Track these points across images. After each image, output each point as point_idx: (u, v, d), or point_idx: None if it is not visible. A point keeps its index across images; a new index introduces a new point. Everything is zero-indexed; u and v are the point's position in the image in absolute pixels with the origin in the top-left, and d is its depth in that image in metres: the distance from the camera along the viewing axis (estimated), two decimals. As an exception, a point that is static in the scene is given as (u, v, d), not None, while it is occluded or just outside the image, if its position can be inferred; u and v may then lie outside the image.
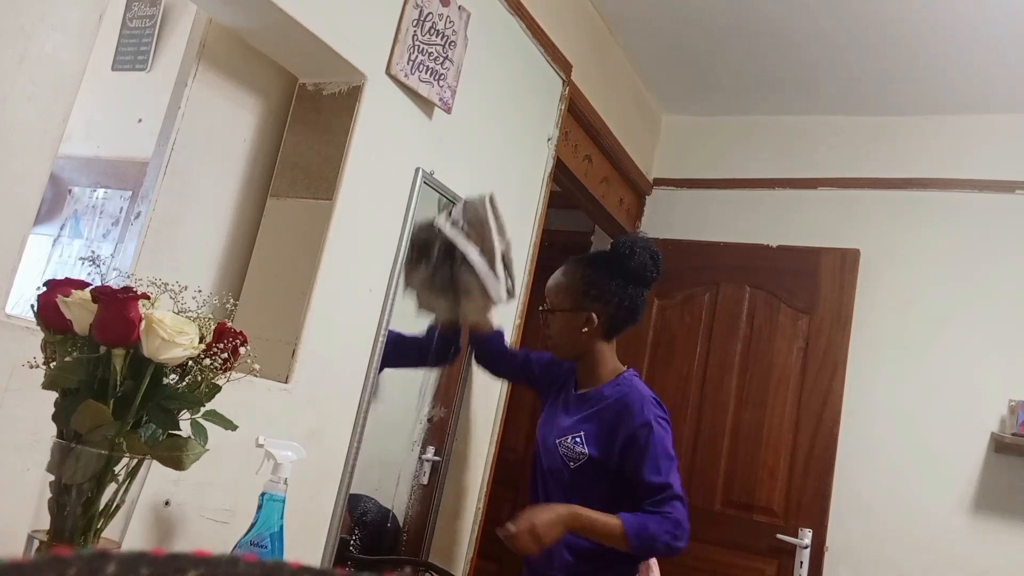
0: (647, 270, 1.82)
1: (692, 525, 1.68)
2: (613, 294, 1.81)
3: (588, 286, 1.82)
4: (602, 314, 1.81)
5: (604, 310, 1.81)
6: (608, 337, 1.85)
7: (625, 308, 1.82)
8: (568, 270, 1.89)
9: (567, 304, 1.84)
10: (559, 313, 1.84)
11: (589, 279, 1.83)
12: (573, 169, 2.77)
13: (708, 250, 3.17)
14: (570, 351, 1.86)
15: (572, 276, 1.86)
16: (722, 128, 3.38)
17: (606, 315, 1.81)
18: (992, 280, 2.77)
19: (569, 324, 1.82)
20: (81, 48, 1.17)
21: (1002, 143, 2.89)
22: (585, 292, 1.82)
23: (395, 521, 2.14)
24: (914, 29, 2.52)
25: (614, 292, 1.81)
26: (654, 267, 1.83)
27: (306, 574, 0.30)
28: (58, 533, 0.90)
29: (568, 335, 1.83)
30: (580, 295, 1.82)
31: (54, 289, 0.93)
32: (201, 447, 0.96)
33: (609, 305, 1.81)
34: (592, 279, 1.82)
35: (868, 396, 2.84)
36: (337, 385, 1.71)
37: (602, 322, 1.81)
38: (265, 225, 1.72)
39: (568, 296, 1.84)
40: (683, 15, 2.70)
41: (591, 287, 1.82)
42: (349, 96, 1.69)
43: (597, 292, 1.81)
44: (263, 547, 1.18)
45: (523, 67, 2.33)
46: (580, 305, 1.81)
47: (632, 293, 1.83)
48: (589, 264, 1.88)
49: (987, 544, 2.58)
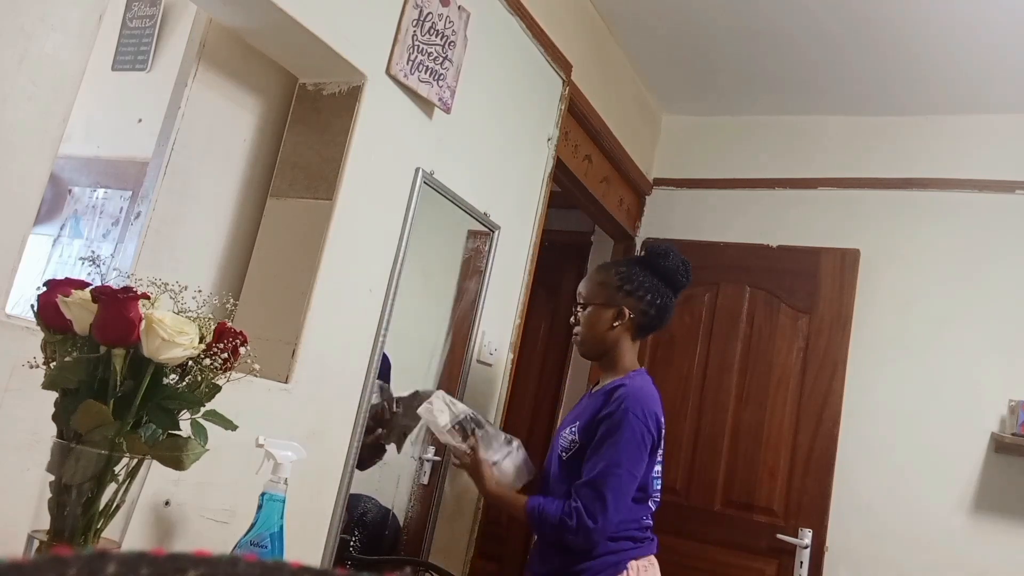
0: (679, 273, 1.86)
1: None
2: (647, 291, 1.83)
3: (623, 281, 1.84)
4: (634, 310, 1.83)
5: (637, 306, 1.83)
6: (635, 336, 1.87)
7: (657, 307, 1.84)
8: (603, 267, 1.93)
9: (600, 299, 1.85)
10: (591, 308, 1.86)
11: (624, 275, 1.85)
12: (573, 169, 2.77)
13: (708, 250, 3.17)
14: (596, 347, 1.87)
15: (607, 272, 1.89)
16: (722, 128, 3.38)
17: (638, 311, 1.83)
18: (992, 280, 2.77)
19: (600, 318, 1.84)
20: (81, 48, 1.17)
21: (1002, 143, 2.89)
22: (619, 287, 1.84)
23: (395, 521, 2.14)
24: (914, 29, 2.52)
25: (648, 289, 1.83)
26: (685, 272, 1.88)
27: (306, 574, 0.30)
28: (58, 533, 0.90)
29: (598, 329, 1.84)
30: (614, 290, 1.84)
31: (54, 289, 0.93)
32: (201, 447, 0.96)
33: (642, 302, 1.83)
34: (627, 275, 1.85)
35: (868, 396, 2.84)
36: (337, 385, 1.71)
37: (633, 319, 1.83)
38: (265, 225, 1.72)
39: (602, 290, 1.86)
40: (683, 15, 2.70)
41: (626, 282, 1.84)
42: (349, 96, 1.69)
43: (631, 288, 1.83)
44: (263, 547, 1.18)
45: (523, 67, 2.33)
46: (613, 300, 1.84)
47: (664, 293, 1.85)
48: (624, 263, 1.91)
49: (987, 544, 2.58)
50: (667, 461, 2.99)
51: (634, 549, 1.74)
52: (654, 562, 1.79)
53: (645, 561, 1.76)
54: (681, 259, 1.87)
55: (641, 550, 1.75)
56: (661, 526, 3.02)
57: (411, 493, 2.19)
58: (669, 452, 3.00)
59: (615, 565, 1.70)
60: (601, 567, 1.69)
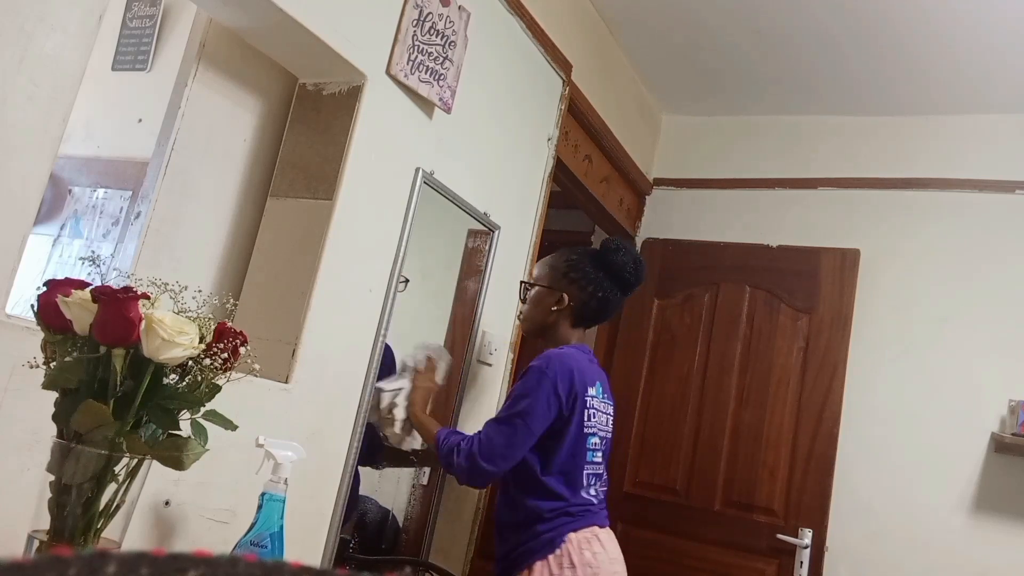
0: (626, 270, 1.91)
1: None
2: (590, 282, 1.91)
3: (569, 269, 1.93)
4: (575, 299, 1.91)
5: (578, 295, 1.91)
6: (574, 323, 1.94)
7: (597, 299, 1.91)
8: (558, 253, 2.01)
9: (545, 281, 1.96)
10: (537, 288, 1.97)
11: (572, 263, 1.93)
12: (573, 169, 2.77)
13: (708, 250, 3.17)
14: (535, 326, 1.98)
15: (558, 258, 1.98)
16: (722, 128, 3.38)
17: (579, 300, 1.91)
18: (992, 280, 2.77)
19: (543, 300, 1.95)
20: (81, 48, 1.17)
21: (1002, 143, 2.89)
22: (565, 274, 1.93)
23: (395, 521, 2.14)
24: (914, 29, 2.52)
25: (592, 280, 1.91)
26: (634, 271, 1.93)
27: (306, 574, 0.30)
28: (58, 533, 0.90)
29: (538, 310, 1.95)
30: (560, 275, 1.93)
31: (54, 289, 0.93)
32: (201, 447, 0.96)
33: (584, 292, 1.91)
34: (575, 264, 1.93)
35: (868, 396, 2.84)
36: (337, 385, 1.71)
37: (572, 306, 1.92)
38: (265, 225, 1.72)
39: (549, 274, 1.96)
40: (683, 15, 2.70)
41: (572, 270, 1.92)
42: (349, 96, 1.69)
43: (576, 276, 1.92)
44: (263, 547, 1.18)
45: (523, 67, 2.33)
46: (558, 284, 1.93)
47: (607, 287, 1.91)
48: (576, 252, 1.98)
49: (987, 544, 2.58)
50: (667, 461, 3.01)
51: (571, 522, 1.75)
52: (598, 533, 1.79)
53: (587, 532, 1.76)
54: (634, 257, 1.93)
55: (579, 522, 1.76)
56: (661, 526, 3.01)
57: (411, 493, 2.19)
58: (669, 452, 3.01)
59: (551, 542, 1.73)
60: (538, 546, 1.73)
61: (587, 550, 1.73)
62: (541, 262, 2.02)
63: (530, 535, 1.74)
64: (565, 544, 1.72)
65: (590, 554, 1.73)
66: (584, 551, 1.73)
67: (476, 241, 2.26)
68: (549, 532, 1.73)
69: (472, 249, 2.26)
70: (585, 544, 1.74)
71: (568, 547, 1.72)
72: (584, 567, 1.70)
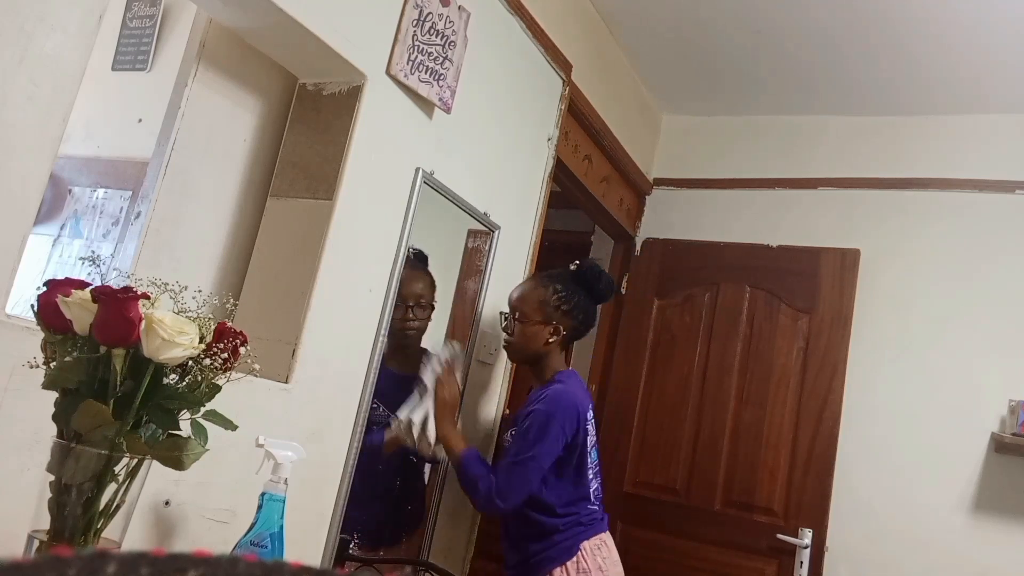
0: (610, 291, 2.14)
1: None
2: (580, 309, 2.06)
3: (561, 302, 2.04)
4: (568, 327, 2.05)
5: (571, 324, 2.05)
6: (563, 346, 2.10)
7: (583, 320, 2.08)
8: (540, 285, 2.09)
9: (538, 316, 2.04)
10: (530, 324, 2.05)
11: (563, 296, 2.04)
12: (573, 169, 2.77)
13: (708, 250, 3.17)
14: (528, 356, 2.09)
15: (546, 291, 2.06)
16: (722, 128, 3.38)
17: (571, 328, 2.06)
18: (992, 280, 2.77)
19: (538, 335, 2.04)
20: (81, 48, 1.17)
21: (1002, 143, 2.89)
22: (557, 307, 2.04)
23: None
24: (914, 29, 2.52)
25: (581, 307, 2.06)
26: (611, 292, 2.15)
27: (306, 574, 0.30)
28: (58, 533, 0.90)
29: (534, 343, 2.04)
30: (552, 309, 2.04)
31: (54, 289, 0.93)
32: (201, 447, 0.96)
33: (575, 320, 2.06)
34: (565, 296, 2.04)
35: (868, 396, 2.84)
36: (337, 385, 1.71)
37: (565, 334, 2.06)
38: (265, 225, 1.72)
39: (541, 308, 2.04)
40: (683, 15, 2.70)
41: (563, 303, 2.04)
42: (349, 96, 1.69)
43: (568, 308, 2.04)
44: (263, 547, 1.18)
45: (523, 67, 2.33)
46: (551, 318, 2.03)
47: (592, 311, 2.10)
48: (560, 281, 2.06)
49: (987, 544, 2.58)
50: (667, 461, 3.01)
51: (584, 532, 1.96)
52: (604, 539, 2.01)
53: (596, 540, 1.98)
54: (609, 280, 2.13)
55: (590, 531, 1.98)
56: (661, 526, 3.02)
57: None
58: (669, 452, 3.01)
59: (569, 549, 1.93)
60: (557, 554, 1.92)
61: (598, 555, 1.95)
62: (525, 295, 2.08)
63: (548, 544, 1.94)
64: (580, 551, 1.93)
65: (600, 559, 1.95)
66: (596, 556, 1.95)
67: (476, 241, 2.26)
68: (566, 540, 1.94)
69: (472, 249, 2.26)
70: (596, 551, 1.96)
71: (583, 554, 1.93)
72: (596, 572, 1.92)
